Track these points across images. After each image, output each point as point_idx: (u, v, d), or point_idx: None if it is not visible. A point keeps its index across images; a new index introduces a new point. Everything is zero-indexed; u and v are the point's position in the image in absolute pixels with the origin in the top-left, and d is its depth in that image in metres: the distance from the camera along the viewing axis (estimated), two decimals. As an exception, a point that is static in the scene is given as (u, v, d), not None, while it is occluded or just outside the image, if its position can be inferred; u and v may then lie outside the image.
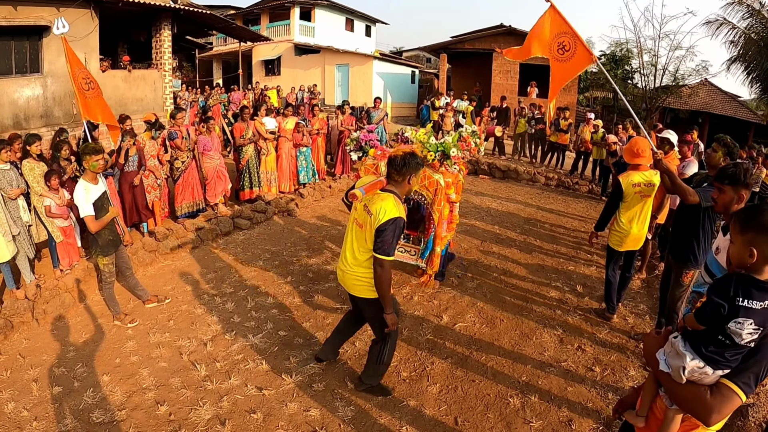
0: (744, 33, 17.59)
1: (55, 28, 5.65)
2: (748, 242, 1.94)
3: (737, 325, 1.91)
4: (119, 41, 16.44)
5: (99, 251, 5.11)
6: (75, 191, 4.93)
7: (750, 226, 1.96)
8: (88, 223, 4.89)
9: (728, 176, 3.16)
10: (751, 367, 1.97)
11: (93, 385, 4.25)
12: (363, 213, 3.63)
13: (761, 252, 1.91)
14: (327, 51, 26.20)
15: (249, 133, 9.19)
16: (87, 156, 4.95)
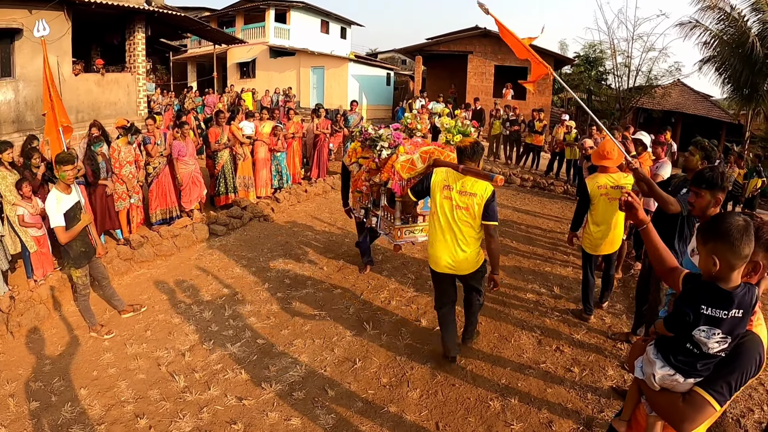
0: (716, 35, 17.95)
1: (36, 30, 5.54)
2: (711, 252, 1.97)
3: (702, 333, 1.94)
4: (93, 44, 16.18)
5: (71, 263, 5.03)
6: (46, 201, 4.84)
7: (710, 235, 1.98)
8: (58, 234, 4.81)
9: (705, 180, 3.22)
10: (725, 376, 1.98)
11: (71, 399, 4.19)
12: (464, 198, 4.07)
13: (723, 260, 1.93)
14: (302, 53, 26.13)
15: (224, 137, 9.14)
16: (58, 165, 4.86)
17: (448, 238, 4.18)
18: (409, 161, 5.01)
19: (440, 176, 4.27)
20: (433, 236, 4.30)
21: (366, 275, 6.77)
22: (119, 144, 7.46)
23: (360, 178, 5.82)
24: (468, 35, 22.35)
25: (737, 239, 1.90)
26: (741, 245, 1.90)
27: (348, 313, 5.73)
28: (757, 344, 2.00)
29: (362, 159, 5.93)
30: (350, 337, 5.20)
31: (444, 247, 4.20)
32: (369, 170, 5.62)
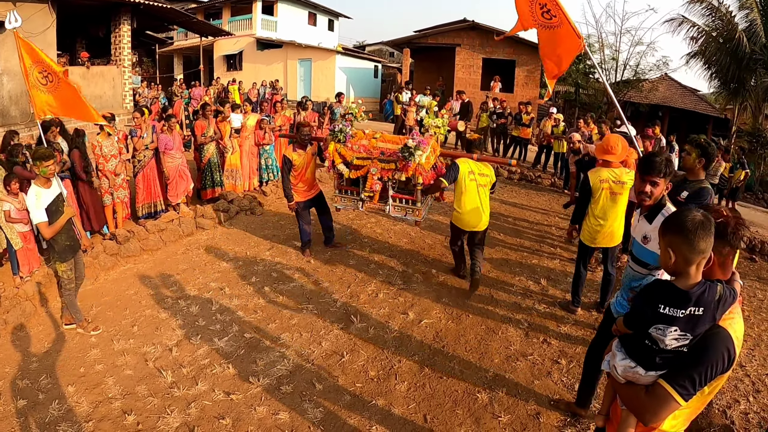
0: (704, 30, 18.08)
1: (7, 21, 5.44)
2: (668, 245, 2.00)
3: (658, 331, 1.98)
4: (77, 37, 16.03)
5: (56, 257, 4.98)
6: (27, 197, 4.78)
7: (668, 229, 2.03)
8: (41, 230, 4.76)
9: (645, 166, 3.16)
10: (688, 370, 1.97)
11: (58, 396, 4.17)
12: (482, 178, 5.86)
13: (679, 255, 1.96)
14: (289, 45, 26.03)
15: (210, 130, 9.07)
16: (37, 161, 4.75)
17: (476, 207, 5.82)
18: (427, 157, 6.21)
19: (465, 166, 5.81)
20: (464, 207, 5.81)
21: (353, 268, 6.77)
22: (99, 140, 7.38)
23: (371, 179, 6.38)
24: (456, 28, 22.32)
25: (692, 233, 1.92)
26: (696, 239, 1.92)
27: (335, 307, 5.74)
28: (724, 339, 1.98)
29: (359, 160, 6.40)
30: (338, 331, 5.21)
31: (474, 214, 5.83)
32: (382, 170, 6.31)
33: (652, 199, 3.14)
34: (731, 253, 2.14)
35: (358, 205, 6.75)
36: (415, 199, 6.44)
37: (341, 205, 6.90)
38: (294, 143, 6.96)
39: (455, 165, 5.82)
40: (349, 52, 27.56)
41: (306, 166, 6.86)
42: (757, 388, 4.57)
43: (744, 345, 5.34)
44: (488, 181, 5.90)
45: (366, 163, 6.38)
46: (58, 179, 5.09)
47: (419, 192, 6.37)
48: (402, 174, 6.19)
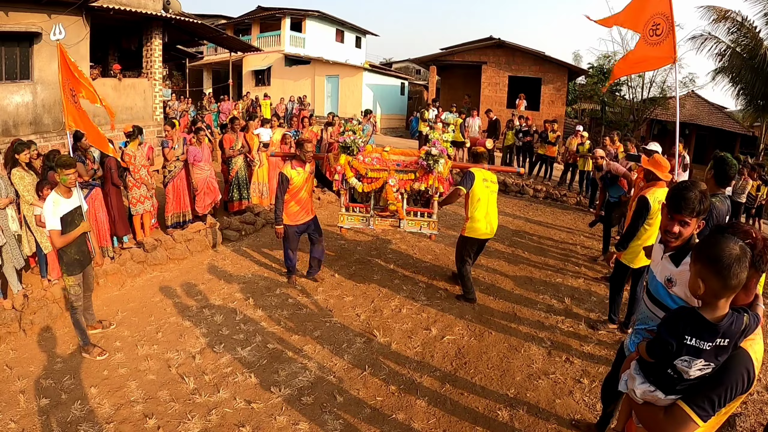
0: (729, 47, 17.88)
1: (53, 33, 5.61)
2: (698, 274, 1.91)
3: (684, 363, 1.91)
4: (110, 49, 16.38)
5: (64, 269, 4.86)
6: (45, 203, 4.73)
7: (701, 257, 1.91)
8: (52, 238, 4.65)
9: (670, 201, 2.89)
10: (708, 392, 1.92)
11: (80, 397, 4.23)
12: (493, 185, 6.14)
13: (708, 286, 1.87)
14: (317, 62, 26.31)
15: (238, 144, 9.20)
16: (59, 169, 4.71)
17: (491, 214, 6.05)
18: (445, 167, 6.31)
19: (480, 175, 6.02)
20: (480, 214, 5.97)
21: (377, 282, 6.77)
22: (132, 149, 7.52)
23: (390, 190, 6.24)
24: (482, 46, 22.40)
25: (727, 269, 1.80)
26: (730, 276, 1.81)
27: (358, 320, 5.74)
28: (745, 360, 1.93)
29: (373, 172, 6.32)
30: (360, 344, 5.21)
31: (491, 219, 6.05)
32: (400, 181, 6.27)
33: (680, 240, 2.75)
34: (756, 276, 2.04)
35: (369, 223, 6.54)
36: (431, 212, 6.49)
37: (348, 225, 6.63)
38: (292, 160, 6.40)
39: (470, 173, 6.02)
40: (375, 69, 27.79)
41: (303, 185, 6.34)
42: (786, 414, 4.44)
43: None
44: (496, 189, 6.20)
45: (382, 176, 6.29)
46: (80, 192, 5.06)
47: (436, 203, 6.46)
48: (422, 184, 6.23)
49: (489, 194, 6.02)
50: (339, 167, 6.38)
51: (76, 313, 4.91)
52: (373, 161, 6.31)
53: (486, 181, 6.02)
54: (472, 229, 6.03)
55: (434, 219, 6.48)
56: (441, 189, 6.33)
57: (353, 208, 6.62)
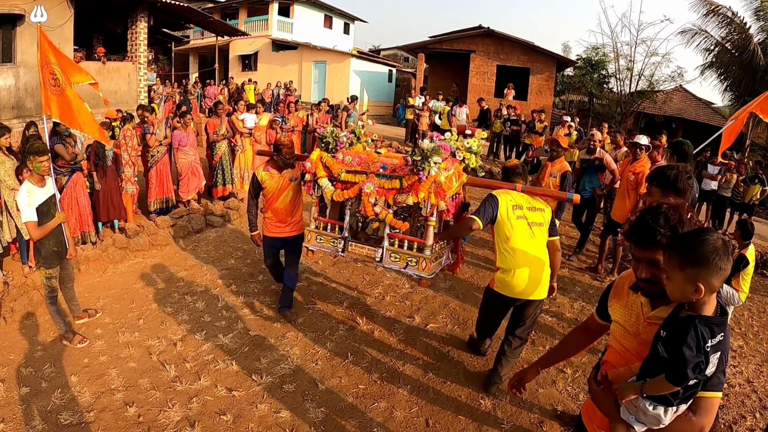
0: (718, 42, 17.98)
1: (33, 15, 5.45)
2: (691, 278, 1.75)
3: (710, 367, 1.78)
4: (95, 32, 16.14)
5: (41, 262, 4.70)
6: (18, 194, 4.54)
7: (690, 261, 1.74)
8: (29, 230, 4.50)
9: (656, 176, 3.07)
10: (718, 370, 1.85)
11: (61, 385, 4.18)
12: (535, 214, 3.99)
13: (708, 285, 1.74)
14: (305, 48, 26.12)
15: (222, 129, 9.12)
16: (31, 156, 4.49)
17: (531, 260, 3.87)
18: (449, 179, 4.30)
19: (506, 197, 3.97)
20: (513, 262, 3.86)
21: (360, 270, 6.76)
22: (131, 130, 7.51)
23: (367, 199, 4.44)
24: (471, 34, 22.32)
25: (722, 260, 1.72)
26: (726, 267, 1.74)
27: (342, 308, 5.73)
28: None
29: (348, 174, 4.62)
30: (343, 332, 5.19)
31: (531, 268, 3.87)
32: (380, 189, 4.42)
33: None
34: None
35: (337, 248, 4.76)
36: (423, 243, 4.37)
37: (314, 246, 4.99)
38: (269, 161, 5.29)
39: (492, 197, 3.97)
40: (363, 55, 27.63)
41: (278, 193, 5.17)
42: (764, 404, 4.51)
43: (752, 361, 5.32)
44: (544, 219, 4.01)
45: (358, 179, 4.52)
46: (53, 180, 4.85)
47: (430, 230, 4.33)
48: (409, 196, 4.25)
49: (527, 227, 3.92)
50: (309, 164, 4.86)
51: (53, 304, 4.82)
52: (354, 161, 4.65)
53: (520, 208, 3.96)
54: (501, 282, 3.98)
55: (428, 255, 4.33)
56: (442, 206, 4.26)
57: (324, 225, 4.94)
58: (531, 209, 3.98)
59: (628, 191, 6.48)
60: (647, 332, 2.01)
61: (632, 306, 2.13)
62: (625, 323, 2.15)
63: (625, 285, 2.22)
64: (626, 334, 2.13)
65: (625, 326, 2.14)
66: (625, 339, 2.14)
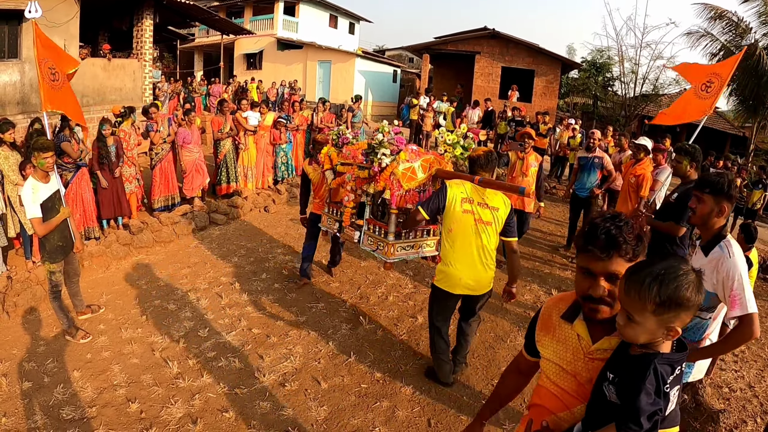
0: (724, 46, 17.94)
1: (27, 11, 5.44)
2: (667, 321, 1.48)
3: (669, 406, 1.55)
4: (100, 29, 16.16)
5: (46, 257, 4.71)
6: (22, 190, 4.55)
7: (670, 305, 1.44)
8: (34, 226, 4.52)
9: (710, 185, 2.93)
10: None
11: (63, 380, 4.19)
12: (486, 211, 3.85)
13: (683, 325, 1.51)
14: (309, 47, 26.13)
15: (227, 127, 9.12)
16: (36, 152, 4.47)
17: (473, 257, 3.88)
18: (410, 170, 4.50)
19: (458, 189, 3.89)
20: (452, 256, 3.92)
21: (364, 269, 6.76)
22: (126, 127, 7.47)
23: (341, 188, 5.16)
24: (476, 35, 22.30)
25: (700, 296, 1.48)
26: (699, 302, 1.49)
27: (344, 307, 5.73)
28: None
29: (342, 166, 5.20)
30: (346, 331, 5.19)
31: (468, 266, 3.89)
32: (356, 179, 4.90)
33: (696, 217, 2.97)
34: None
35: (340, 229, 5.28)
36: (387, 229, 4.55)
37: (325, 226, 5.60)
38: (311, 157, 6.19)
39: (443, 187, 3.96)
40: (368, 55, 27.66)
41: (321, 182, 5.83)
42: (765, 409, 4.49)
43: (754, 366, 5.30)
44: (496, 218, 3.89)
45: (346, 170, 5.09)
46: (57, 176, 4.87)
47: (392, 218, 4.49)
48: (371, 185, 4.68)
49: (473, 223, 3.85)
50: (320, 156, 5.63)
51: (57, 298, 4.81)
52: (346, 153, 5.15)
53: (470, 202, 3.86)
54: (442, 276, 4.02)
55: (390, 240, 4.51)
56: (387, 195, 4.52)
57: (332, 209, 5.53)
58: (482, 205, 3.86)
59: (629, 194, 6.49)
60: (589, 370, 1.71)
61: (567, 340, 1.79)
62: (560, 361, 1.80)
63: (553, 315, 1.88)
64: (562, 373, 1.79)
65: (560, 364, 1.80)
66: (561, 379, 1.79)
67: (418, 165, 4.53)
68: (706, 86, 6.16)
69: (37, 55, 5.34)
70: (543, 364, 1.90)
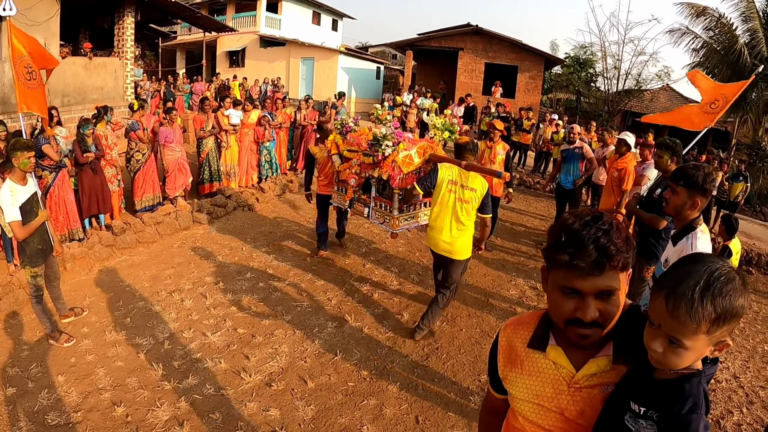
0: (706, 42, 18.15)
1: (1, 9, 5.33)
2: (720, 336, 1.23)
3: None
4: (81, 27, 15.95)
5: (26, 261, 4.64)
6: (0, 193, 4.40)
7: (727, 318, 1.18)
8: (14, 230, 4.42)
9: (684, 177, 2.98)
10: None
11: (48, 385, 4.13)
12: (466, 191, 4.73)
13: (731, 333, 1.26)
14: (292, 44, 25.98)
15: (209, 125, 9.05)
16: (17, 152, 4.35)
17: (449, 225, 4.77)
18: (408, 156, 5.38)
19: (447, 172, 4.79)
20: (435, 222, 4.85)
21: (349, 267, 6.75)
22: (102, 129, 7.36)
23: (348, 171, 6.00)
24: (460, 32, 22.34)
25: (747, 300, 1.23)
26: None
27: (330, 305, 5.72)
28: None
29: (348, 152, 6.07)
30: (332, 329, 5.18)
31: (445, 232, 4.78)
32: (361, 164, 5.84)
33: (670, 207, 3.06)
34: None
35: (350, 205, 6.29)
36: (391, 205, 5.57)
37: (336, 203, 6.58)
38: (318, 139, 7.03)
39: (435, 169, 4.88)
40: (351, 52, 27.55)
41: (328, 161, 6.53)
42: (750, 399, 4.56)
43: (738, 357, 5.39)
44: (474, 197, 4.74)
45: (352, 156, 6.01)
46: (34, 178, 4.77)
47: (395, 197, 5.50)
48: (377, 170, 5.58)
49: (453, 201, 4.75)
50: (327, 143, 6.41)
51: (39, 303, 4.74)
52: (353, 141, 6.06)
53: (455, 183, 4.76)
54: (429, 236, 5.02)
55: (395, 215, 5.53)
56: (384, 176, 5.49)
57: (342, 188, 6.43)
58: (464, 187, 4.74)
59: (612, 188, 6.57)
60: (578, 402, 1.42)
61: (542, 372, 1.49)
62: (537, 398, 1.49)
63: (517, 345, 1.58)
64: (543, 411, 1.48)
65: (538, 402, 1.48)
66: (542, 418, 1.48)
67: (414, 152, 5.44)
68: (712, 104, 6.55)
69: (11, 55, 5.26)
70: (516, 404, 1.57)
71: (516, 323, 1.64)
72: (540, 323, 1.55)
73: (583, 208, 5.67)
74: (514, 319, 1.67)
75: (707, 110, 6.54)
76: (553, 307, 1.40)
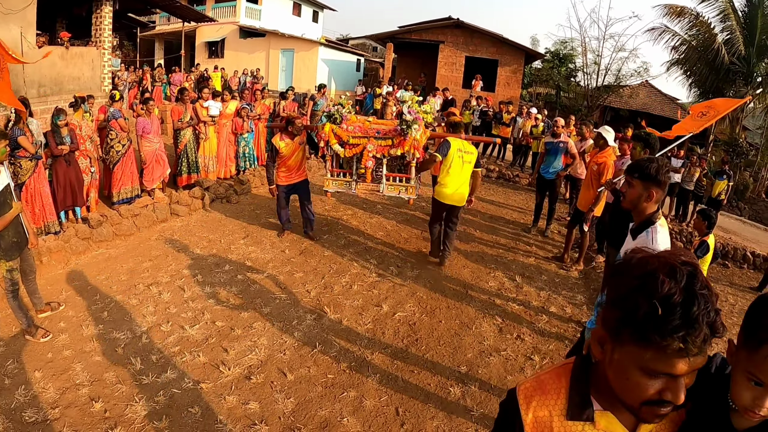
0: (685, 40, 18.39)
1: None
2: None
3: None
4: (58, 16, 15.66)
5: (1, 254, 4.52)
6: None
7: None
8: None
9: (638, 169, 2.98)
10: None
11: (24, 382, 4.07)
12: (468, 155, 6.36)
13: None
14: (272, 35, 25.82)
15: (187, 116, 8.95)
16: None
17: (458, 182, 6.33)
18: (423, 133, 6.78)
19: (455, 143, 6.33)
20: (447, 180, 6.30)
21: (327, 259, 6.75)
22: (77, 119, 7.25)
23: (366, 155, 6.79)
24: (441, 25, 22.34)
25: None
26: None
27: (309, 297, 5.72)
28: None
29: (355, 139, 6.82)
30: (310, 321, 5.19)
31: (455, 187, 6.32)
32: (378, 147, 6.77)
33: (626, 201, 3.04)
34: None
35: (351, 187, 7.14)
36: (409, 177, 7.03)
37: (332, 189, 7.27)
38: (282, 132, 7.11)
39: (447, 142, 6.34)
40: (332, 44, 27.45)
41: (291, 154, 7.01)
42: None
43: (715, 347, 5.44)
44: (473, 159, 6.41)
45: (362, 142, 6.79)
46: (6, 170, 4.60)
47: (413, 169, 6.96)
48: (398, 149, 6.69)
49: (461, 164, 6.30)
50: (324, 134, 6.85)
51: (14, 297, 4.65)
52: (356, 129, 6.80)
53: (461, 151, 6.30)
54: (439, 192, 6.42)
55: (412, 184, 7.04)
56: (417, 155, 6.77)
57: (338, 174, 7.27)
58: (466, 152, 6.36)
59: (591, 182, 6.64)
60: None
61: None
62: None
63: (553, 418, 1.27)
64: None
65: None
66: None
67: (422, 130, 6.80)
68: (702, 114, 7.25)
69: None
70: None
71: (537, 392, 1.31)
72: (573, 387, 1.27)
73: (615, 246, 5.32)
74: (530, 385, 1.34)
75: (695, 118, 7.31)
76: (629, 388, 1.09)
